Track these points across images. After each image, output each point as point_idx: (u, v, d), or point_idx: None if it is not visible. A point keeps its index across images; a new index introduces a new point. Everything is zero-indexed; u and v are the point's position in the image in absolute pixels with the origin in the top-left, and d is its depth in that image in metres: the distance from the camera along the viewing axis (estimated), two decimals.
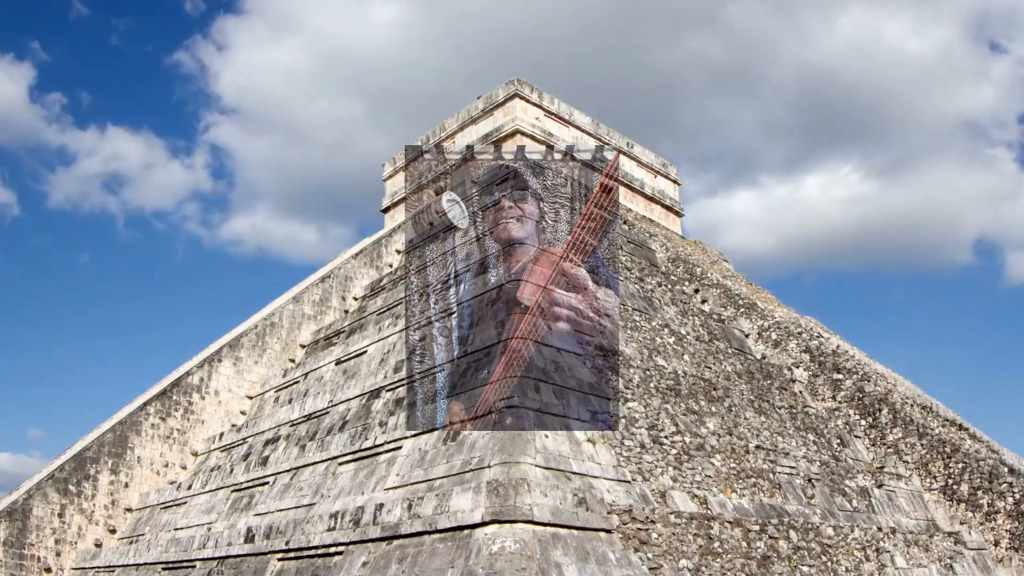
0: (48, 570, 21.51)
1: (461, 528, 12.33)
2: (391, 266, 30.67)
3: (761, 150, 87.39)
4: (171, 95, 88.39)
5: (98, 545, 22.38)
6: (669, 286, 25.31)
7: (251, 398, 26.38)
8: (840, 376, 24.77)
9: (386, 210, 34.14)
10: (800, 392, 23.78)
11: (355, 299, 29.54)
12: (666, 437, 16.37)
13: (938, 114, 79.07)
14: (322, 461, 17.82)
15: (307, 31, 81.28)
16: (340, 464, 17.21)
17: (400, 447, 15.91)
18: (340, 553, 14.23)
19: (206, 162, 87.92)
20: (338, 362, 23.29)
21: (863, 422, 23.56)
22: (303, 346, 27.90)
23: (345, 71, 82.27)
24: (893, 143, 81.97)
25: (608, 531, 13.00)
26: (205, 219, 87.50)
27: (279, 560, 15.52)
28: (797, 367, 25.32)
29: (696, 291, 27.24)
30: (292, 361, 27.39)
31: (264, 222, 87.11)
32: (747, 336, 26.27)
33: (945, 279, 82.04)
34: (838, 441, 21.72)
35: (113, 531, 22.96)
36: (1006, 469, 21.38)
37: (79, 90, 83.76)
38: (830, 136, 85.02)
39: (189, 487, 21.87)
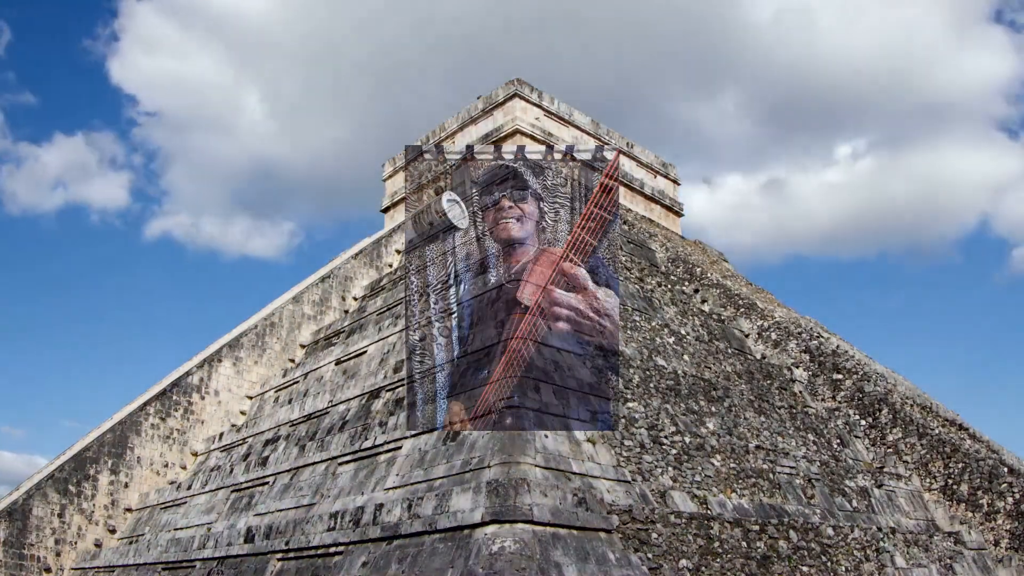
0: (48, 570, 21.51)
1: (461, 528, 12.33)
2: (391, 266, 30.68)
3: (737, 135, 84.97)
4: (87, 90, 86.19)
5: (98, 545, 22.38)
6: (669, 286, 25.31)
7: (251, 398, 26.38)
8: (840, 376, 24.77)
9: (386, 210, 34.19)
10: (800, 392, 23.78)
11: (355, 299, 29.55)
12: (666, 437, 16.37)
13: (933, 94, 76.79)
14: (322, 461, 17.82)
15: (208, 8, 76.96)
16: (340, 464, 17.21)
17: (400, 447, 15.91)
18: (340, 553, 14.24)
19: (134, 158, 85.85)
20: (338, 362, 23.29)
21: (863, 422, 23.56)
22: (303, 346, 27.90)
23: (264, 54, 78.72)
24: (884, 124, 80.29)
25: (608, 531, 13.01)
26: (138, 217, 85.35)
27: (279, 560, 15.52)
28: (797, 367, 25.32)
29: (696, 291, 27.24)
30: (292, 361, 27.39)
31: (196, 219, 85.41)
32: (747, 336, 26.28)
33: (939, 270, 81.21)
34: (838, 441, 21.72)
35: (113, 531, 22.96)
36: (1006, 469, 21.38)
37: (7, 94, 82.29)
38: (813, 114, 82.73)
39: (189, 487, 21.88)
